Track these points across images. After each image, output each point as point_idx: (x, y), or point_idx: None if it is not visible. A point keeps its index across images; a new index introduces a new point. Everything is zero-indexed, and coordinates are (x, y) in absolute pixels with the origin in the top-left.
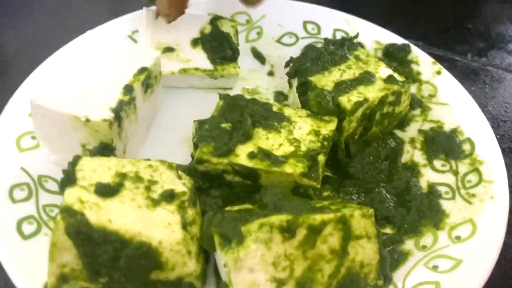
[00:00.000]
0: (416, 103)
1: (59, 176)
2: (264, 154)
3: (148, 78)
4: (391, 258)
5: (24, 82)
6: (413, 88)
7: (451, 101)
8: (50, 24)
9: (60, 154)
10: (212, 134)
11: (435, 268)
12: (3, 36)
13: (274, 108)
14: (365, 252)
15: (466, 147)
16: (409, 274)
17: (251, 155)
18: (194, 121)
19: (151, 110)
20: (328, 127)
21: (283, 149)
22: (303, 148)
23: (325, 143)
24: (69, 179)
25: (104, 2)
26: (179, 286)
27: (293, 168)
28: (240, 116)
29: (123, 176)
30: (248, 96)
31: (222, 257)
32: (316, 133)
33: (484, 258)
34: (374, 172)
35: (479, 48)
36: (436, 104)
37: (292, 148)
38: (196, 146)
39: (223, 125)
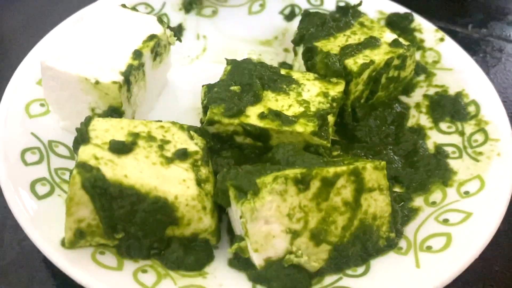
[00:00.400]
0: (421, 69)
1: (69, 141)
2: (275, 114)
3: (157, 46)
4: (402, 213)
5: (33, 49)
6: (417, 55)
7: (455, 66)
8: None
9: (69, 119)
10: (222, 96)
11: (445, 221)
12: (6, 11)
13: (282, 72)
14: (377, 204)
15: (471, 109)
16: (420, 228)
17: (262, 116)
18: (203, 86)
19: (160, 80)
20: (336, 89)
21: (292, 110)
22: (313, 108)
23: (334, 104)
24: (82, 138)
25: None
26: (194, 242)
27: (303, 127)
28: (249, 78)
29: (136, 135)
30: None
31: (237, 209)
32: (325, 94)
33: (493, 210)
34: (382, 135)
35: (480, 19)
36: (440, 70)
37: (301, 109)
38: (205, 109)
39: (232, 87)
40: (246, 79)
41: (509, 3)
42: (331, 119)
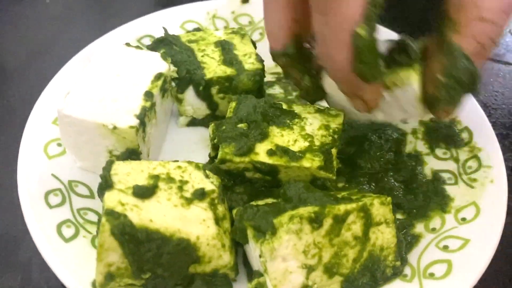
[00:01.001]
0: None
1: (87, 180)
2: (283, 151)
3: (164, 83)
4: (405, 240)
5: (45, 90)
6: None
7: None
8: (56, 31)
9: (87, 160)
10: (231, 135)
11: (445, 248)
12: (9, 46)
13: (284, 106)
14: (384, 236)
15: (465, 135)
16: (422, 255)
17: (270, 152)
18: (211, 123)
19: (167, 113)
20: (336, 121)
21: (298, 145)
22: (317, 142)
23: (335, 136)
24: (106, 183)
25: (104, 4)
26: (214, 278)
27: (310, 162)
28: (255, 115)
29: (156, 177)
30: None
31: (256, 248)
32: (326, 127)
33: (489, 236)
34: (382, 162)
35: None
36: None
37: (306, 143)
38: (215, 146)
39: (239, 125)
40: (252, 116)
41: None
42: (334, 151)
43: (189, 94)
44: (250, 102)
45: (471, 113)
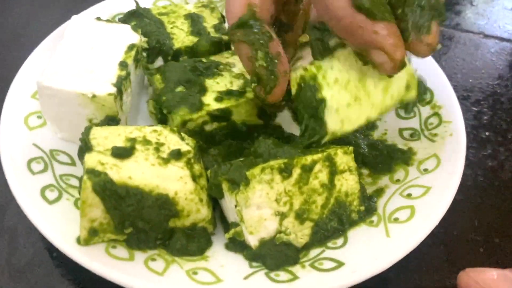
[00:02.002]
0: None
1: (68, 149)
2: (227, 94)
3: (137, 54)
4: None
5: (23, 66)
6: None
7: (410, 56)
8: (30, 14)
9: (68, 131)
10: (176, 100)
11: (409, 195)
12: None
13: (204, 60)
14: (348, 183)
15: (427, 96)
16: (388, 203)
17: (218, 99)
18: (147, 101)
19: (140, 83)
20: None
21: (236, 84)
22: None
23: None
24: (86, 146)
25: None
26: (193, 231)
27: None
28: (186, 75)
29: (133, 140)
30: None
31: (232, 199)
32: None
33: (449, 184)
34: None
35: None
36: None
37: (241, 81)
38: (162, 119)
39: (177, 89)
40: (185, 77)
41: None
42: None
43: (159, 65)
44: (175, 67)
45: (432, 75)
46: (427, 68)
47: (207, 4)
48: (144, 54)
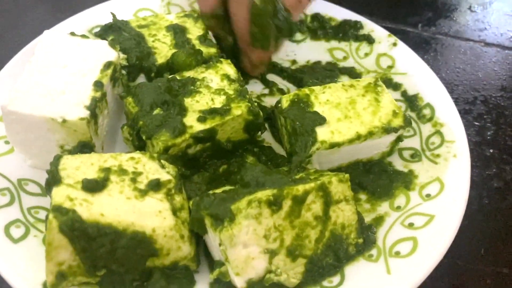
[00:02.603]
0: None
1: (38, 178)
2: (211, 112)
3: (114, 72)
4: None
5: None
6: (371, 60)
7: (409, 70)
8: (4, 26)
9: (37, 158)
10: (154, 124)
11: (410, 225)
12: None
13: (178, 77)
14: (344, 214)
15: (427, 111)
16: (388, 234)
17: (201, 119)
18: (122, 127)
19: (119, 103)
20: (227, 68)
21: (218, 101)
22: (230, 92)
23: (239, 78)
24: (54, 179)
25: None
26: (174, 270)
27: (240, 109)
28: (161, 96)
29: (107, 170)
30: None
31: (215, 237)
32: (226, 76)
33: (453, 212)
34: None
35: (428, 18)
36: (395, 74)
37: (223, 97)
38: (140, 146)
39: (155, 112)
40: (160, 98)
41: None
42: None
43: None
44: (148, 87)
45: (432, 89)
46: (427, 82)
47: (190, 14)
48: (124, 72)
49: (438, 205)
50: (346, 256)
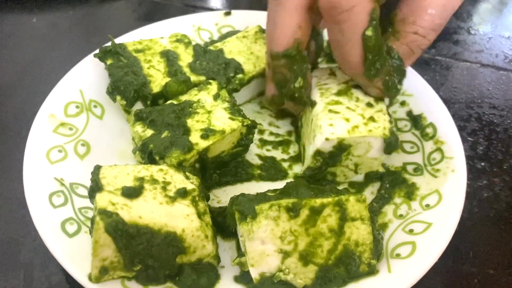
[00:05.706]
0: None
1: (87, 182)
2: (210, 130)
3: None
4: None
5: (44, 103)
6: None
7: (415, 92)
8: (43, 49)
9: None
10: (165, 145)
11: (411, 231)
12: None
13: (175, 102)
14: (359, 232)
15: (429, 130)
16: (391, 238)
17: (204, 136)
18: (134, 153)
19: None
20: (214, 88)
21: (214, 119)
22: (224, 109)
23: (228, 95)
24: (96, 186)
25: (88, 22)
26: (199, 266)
27: (236, 124)
28: (166, 119)
29: (141, 179)
30: None
31: (239, 229)
32: (217, 96)
33: (449, 220)
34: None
35: None
36: (403, 96)
37: (219, 114)
38: (152, 161)
39: (163, 135)
40: (166, 122)
41: (452, 22)
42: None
43: (138, 108)
44: (154, 113)
45: (435, 110)
46: (430, 103)
47: (181, 39)
48: (124, 102)
49: (436, 214)
50: (357, 273)
